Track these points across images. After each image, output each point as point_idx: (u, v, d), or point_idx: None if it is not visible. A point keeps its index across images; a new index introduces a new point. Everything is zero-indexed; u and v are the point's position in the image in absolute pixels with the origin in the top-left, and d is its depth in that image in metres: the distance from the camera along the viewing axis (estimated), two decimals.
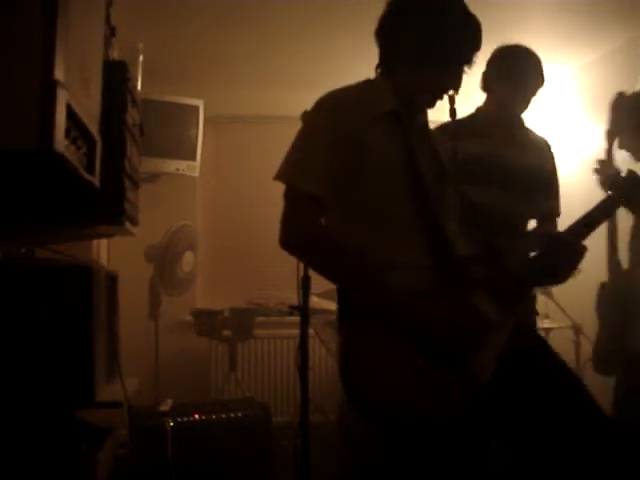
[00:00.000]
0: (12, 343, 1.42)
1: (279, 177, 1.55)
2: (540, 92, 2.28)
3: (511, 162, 2.17)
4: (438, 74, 1.60)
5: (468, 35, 1.59)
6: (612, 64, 3.87)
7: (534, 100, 2.28)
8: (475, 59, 1.62)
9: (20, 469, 1.43)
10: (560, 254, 1.64)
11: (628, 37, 3.68)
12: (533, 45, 2.24)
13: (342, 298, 1.60)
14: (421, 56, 1.59)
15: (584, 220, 1.71)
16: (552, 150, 2.34)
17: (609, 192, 1.79)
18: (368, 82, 1.66)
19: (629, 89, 2.58)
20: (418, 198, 1.55)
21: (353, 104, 1.57)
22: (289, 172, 1.55)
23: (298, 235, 1.52)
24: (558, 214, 2.29)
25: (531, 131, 2.32)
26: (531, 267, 1.66)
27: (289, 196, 1.53)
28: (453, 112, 1.66)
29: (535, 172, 2.21)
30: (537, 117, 2.75)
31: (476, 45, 1.61)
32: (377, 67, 1.69)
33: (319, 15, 3.41)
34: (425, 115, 1.72)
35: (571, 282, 1.72)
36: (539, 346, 1.79)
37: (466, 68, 1.61)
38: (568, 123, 4.27)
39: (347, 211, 1.57)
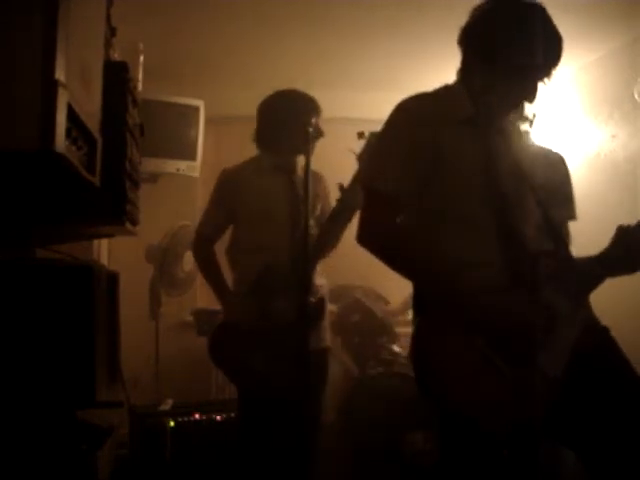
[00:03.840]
0: (12, 343, 1.42)
1: (359, 179, 1.61)
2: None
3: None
4: (517, 86, 1.63)
5: (549, 49, 1.61)
6: (612, 64, 3.87)
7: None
8: (555, 72, 1.63)
9: (21, 469, 1.43)
10: (630, 244, 1.64)
11: (628, 37, 3.67)
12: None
13: (418, 292, 1.65)
14: (501, 67, 1.61)
15: None
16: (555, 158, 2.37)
17: None
18: (447, 88, 1.71)
19: (629, 89, 2.57)
20: (495, 200, 1.58)
21: (431, 110, 1.62)
22: (368, 174, 1.63)
23: (374, 234, 1.59)
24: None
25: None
26: (602, 259, 1.66)
27: (367, 196, 1.60)
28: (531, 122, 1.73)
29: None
30: (537, 117, 2.76)
31: (557, 59, 1.62)
32: (458, 72, 1.72)
33: (320, 15, 3.40)
34: (506, 118, 1.73)
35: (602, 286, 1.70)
36: (607, 343, 1.73)
37: (546, 80, 1.64)
38: (568, 123, 4.26)
39: (423, 212, 1.62)
